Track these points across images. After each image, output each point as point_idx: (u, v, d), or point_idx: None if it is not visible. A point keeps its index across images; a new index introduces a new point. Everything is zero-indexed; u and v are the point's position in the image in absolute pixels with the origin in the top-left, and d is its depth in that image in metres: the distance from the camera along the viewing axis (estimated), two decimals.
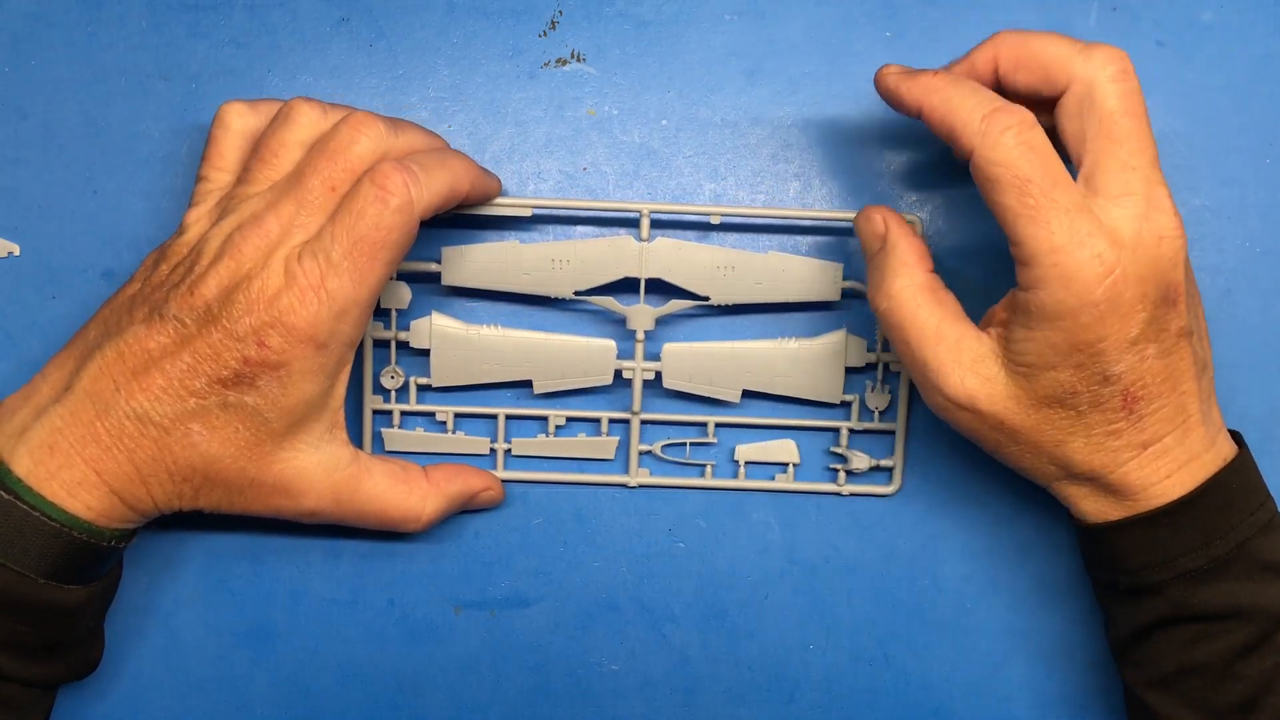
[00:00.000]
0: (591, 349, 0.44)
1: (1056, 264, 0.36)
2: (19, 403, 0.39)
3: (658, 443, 0.46)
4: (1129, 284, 0.36)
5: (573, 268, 0.43)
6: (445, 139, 0.45)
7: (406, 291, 0.44)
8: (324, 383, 0.39)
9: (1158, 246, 0.36)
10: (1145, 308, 0.36)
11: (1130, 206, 0.36)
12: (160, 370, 0.37)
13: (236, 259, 0.38)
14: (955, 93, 0.38)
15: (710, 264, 0.43)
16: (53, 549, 0.37)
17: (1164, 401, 0.38)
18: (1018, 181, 0.36)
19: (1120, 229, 0.36)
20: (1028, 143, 0.36)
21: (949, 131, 0.38)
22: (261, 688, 0.47)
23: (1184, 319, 0.37)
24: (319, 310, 0.37)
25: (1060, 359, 0.37)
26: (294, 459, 0.40)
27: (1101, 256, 0.36)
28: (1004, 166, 0.36)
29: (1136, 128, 0.37)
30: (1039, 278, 0.36)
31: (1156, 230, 0.36)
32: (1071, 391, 0.38)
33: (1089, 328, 0.36)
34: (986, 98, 0.37)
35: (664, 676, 0.48)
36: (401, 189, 0.37)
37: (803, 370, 0.45)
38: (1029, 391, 0.38)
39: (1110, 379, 0.37)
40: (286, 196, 0.38)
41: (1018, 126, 0.36)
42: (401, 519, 0.43)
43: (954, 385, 0.39)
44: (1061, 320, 0.36)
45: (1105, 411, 0.38)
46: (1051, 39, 0.39)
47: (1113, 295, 0.36)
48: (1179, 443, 0.38)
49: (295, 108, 0.40)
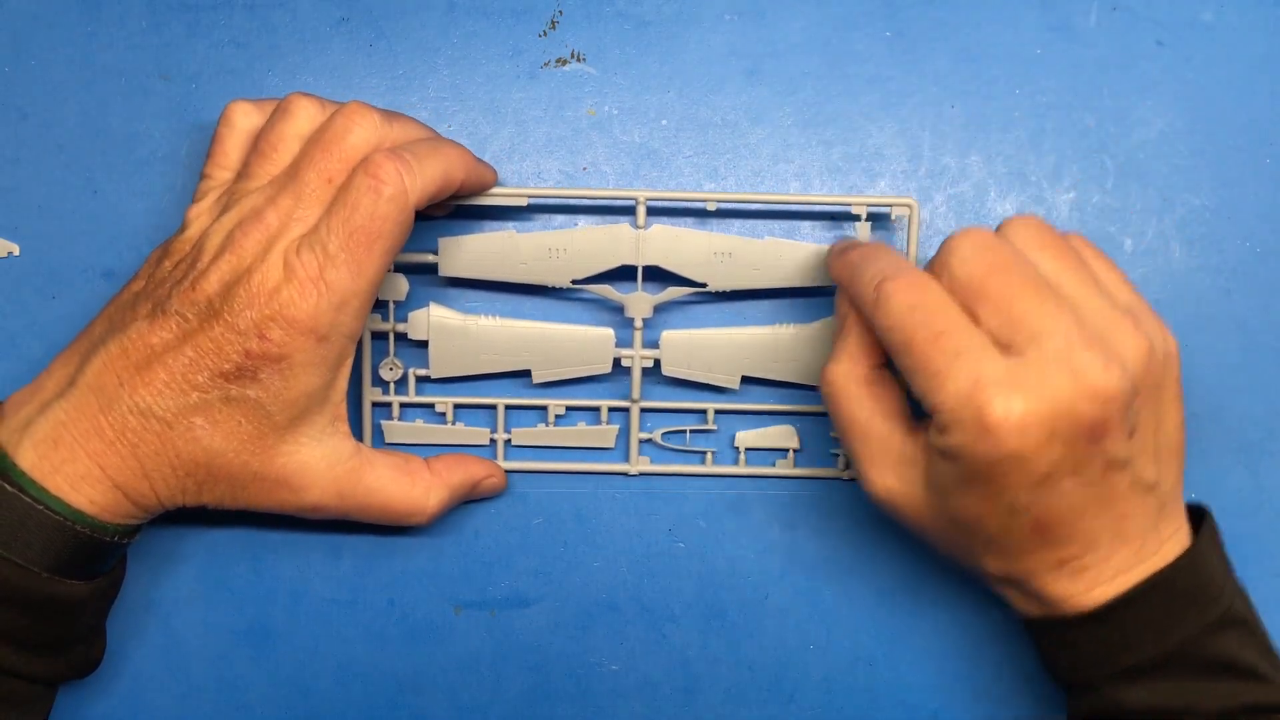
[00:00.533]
0: (590, 338, 0.45)
1: (951, 411, 0.35)
2: (25, 397, 0.39)
3: (658, 430, 0.46)
4: (1030, 428, 0.34)
5: (570, 257, 0.43)
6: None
7: (404, 283, 0.44)
8: (326, 375, 0.39)
9: (1070, 385, 0.35)
10: (1056, 446, 0.35)
11: (1033, 351, 0.35)
12: (163, 365, 0.38)
13: (237, 254, 0.38)
14: (862, 265, 0.38)
15: (707, 250, 0.44)
16: (56, 543, 0.37)
17: (1083, 526, 0.37)
18: (904, 342, 0.36)
19: (1022, 375, 0.35)
20: (910, 303, 0.36)
21: (856, 304, 0.39)
22: (261, 688, 0.47)
23: (1113, 452, 0.36)
24: (319, 302, 0.37)
25: (967, 488, 0.37)
26: (297, 452, 0.40)
27: (993, 402, 0.34)
28: (891, 330, 0.37)
29: (1004, 281, 0.36)
30: (941, 424, 0.36)
31: (1068, 368, 0.35)
32: (978, 516, 0.37)
33: (992, 467, 0.35)
34: (883, 267, 0.38)
35: (664, 676, 0.48)
36: (395, 178, 0.38)
37: (802, 355, 0.45)
38: (941, 507, 0.38)
39: (1018, 510, 0.36)
40: (284, 190, 0.39)
41: (904, 290, 0.36)
42: (406, 512, 0.43)
43: (874, 483, 0.39)
44: (962, 460, 0.36)
45: (1015, 535, 0.37)
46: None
47: (1010, 441, 0.34)
48: (1102, 561, 0.37)
49: (294, 102, 0.40)
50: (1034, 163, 0.45)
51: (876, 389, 0.40)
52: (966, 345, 0.35)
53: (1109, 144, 0.45)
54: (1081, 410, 0.35)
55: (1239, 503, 0.47)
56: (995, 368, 0.35)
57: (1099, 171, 0.46)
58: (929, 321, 0.36)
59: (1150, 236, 0.46)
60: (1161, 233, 0.46)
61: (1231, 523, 0.47)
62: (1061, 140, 0.45)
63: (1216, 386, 0.46)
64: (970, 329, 0.36)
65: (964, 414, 0.35)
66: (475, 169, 0.42)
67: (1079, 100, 0.45)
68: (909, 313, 0.36)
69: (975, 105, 0.45)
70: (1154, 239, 0.46)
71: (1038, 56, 0.45)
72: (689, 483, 0.47)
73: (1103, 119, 0.45)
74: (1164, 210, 0.46)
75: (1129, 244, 0.46)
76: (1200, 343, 0.46)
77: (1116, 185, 0.46)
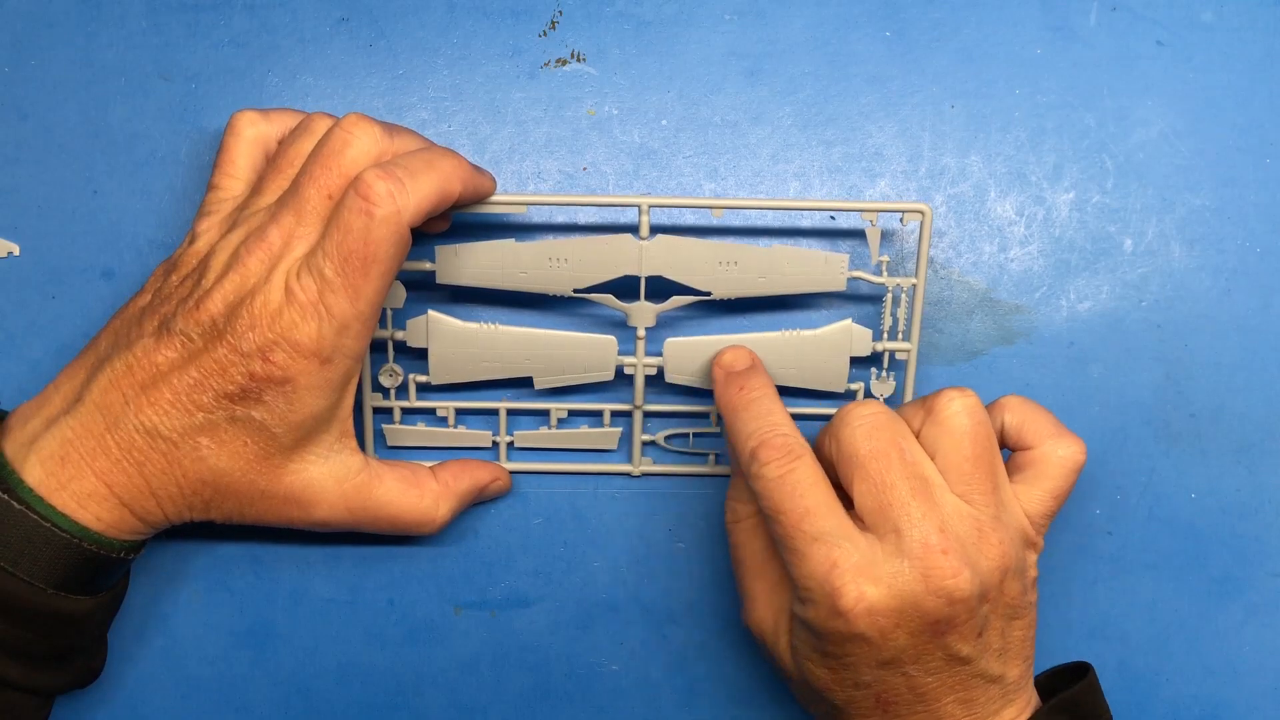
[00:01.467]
0: (592, 345, 0.44)
1: (808, 589, 0.37)
2: (30, 411, 0.39)
3: (660, 433, 0.46)
4: (878, 615, 0.37)
5: (571, 266, 0.43)
6: (445, 139, 0.45)
7: (401, 290, 0.44)
8: (330, 396, 0.39)
9: (920, 582, 0.37)
10: (901, 637, 0.37)
11: (891, 542, 0.37)
12: (168, 384, 0.37)
13: (241, 273, 0.38)
14: (739, 417, 0.40)
15: (712, 259, 0.43)
16: (62, 560, 0.37)
17: (925, 708, 0.39)
18: (771, 511, 0.38)
19: (878, 564, 0.37)
20: (783, 477, 0.38)
21: (733, 456, 0.41)
22: (261, 688, 0.47)
23: (960, 647, 0.38)
24: (320, 326, 0.37)
25: (818, 657, 0.39)
26: (304, 470, 0.40)
27: (845, 588, 0.37)
28: (761, 497, 0.39)
29: (882, 468, 0.38)
30: (800, 596, 0.38)
31: (922, 567, 0.37)
32: (827, 685, 0.39)
33: (838, 645, 0.38)
34: (760, 426, 0.39)
35: (664, 676, 0.48)
36: (386, 199, 0.37)
37: (807, 361, 0.45)
38: (797, 667, 0.40)
39: (861, 685, 0.38)
40: (286, 208, 0.38)
41: (777, 461, 0.38)
42: (416, 523, 0.43)
43: (754, 620, 0.42)
44: (814, 630, 0.38)
45: (859, 706, 0.39)
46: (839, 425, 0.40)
47: (858, 624, 0.37)
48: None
49: (315, 120, 0.40)
50: (1034, 163, 0.45)
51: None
52: (828, 529, 0.37)
53: (1109, 144, 0.45)
54: (928, 606, 0.37)
55: (1239, 503, 0.47)
56: (852, 554, 0.37)
57: (1099, 171, 0.46)
58: (794, 498, 0.38)
59: (1150, 236, 0.46)
60: (1161, 233, 0.46)
61: (1231, 523, 0.47)
62: (1061, 140, 0.45)
63: (1216, 386, 0.46)
64: (834, 511, 0.38)
65: (818, 593, 0.37)
66: (473, 180, 0.41)
67: (1079, 100, 0.45)
68: (777, 484, 0.38)
69: (975, 105, 0.45)
70: (1154, 239, 0.46)
71: (1038, 56, 0.45)
72: (689, 483, 0.47)
73: (1103, 119, 0.45)
74: (1164, 210, 0.46)
75: (1129, 244, 0.46)
76: (1200, 343, 0.46)
77: (1116, 185, 0.46)
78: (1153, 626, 0.48)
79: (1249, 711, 0.48)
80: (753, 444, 0.39)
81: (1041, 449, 0.41)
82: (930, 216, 0.43)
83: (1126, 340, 0.46)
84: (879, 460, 0.38)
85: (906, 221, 0.43)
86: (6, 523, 0.36)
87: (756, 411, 0.40)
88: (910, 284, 0.44)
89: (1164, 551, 0.47)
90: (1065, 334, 0.46)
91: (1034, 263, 0.46)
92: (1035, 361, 0.46)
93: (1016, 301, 0.46)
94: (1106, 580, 0.47)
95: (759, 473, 0.38)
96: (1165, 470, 0.47)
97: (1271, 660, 0.48)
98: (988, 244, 0.46)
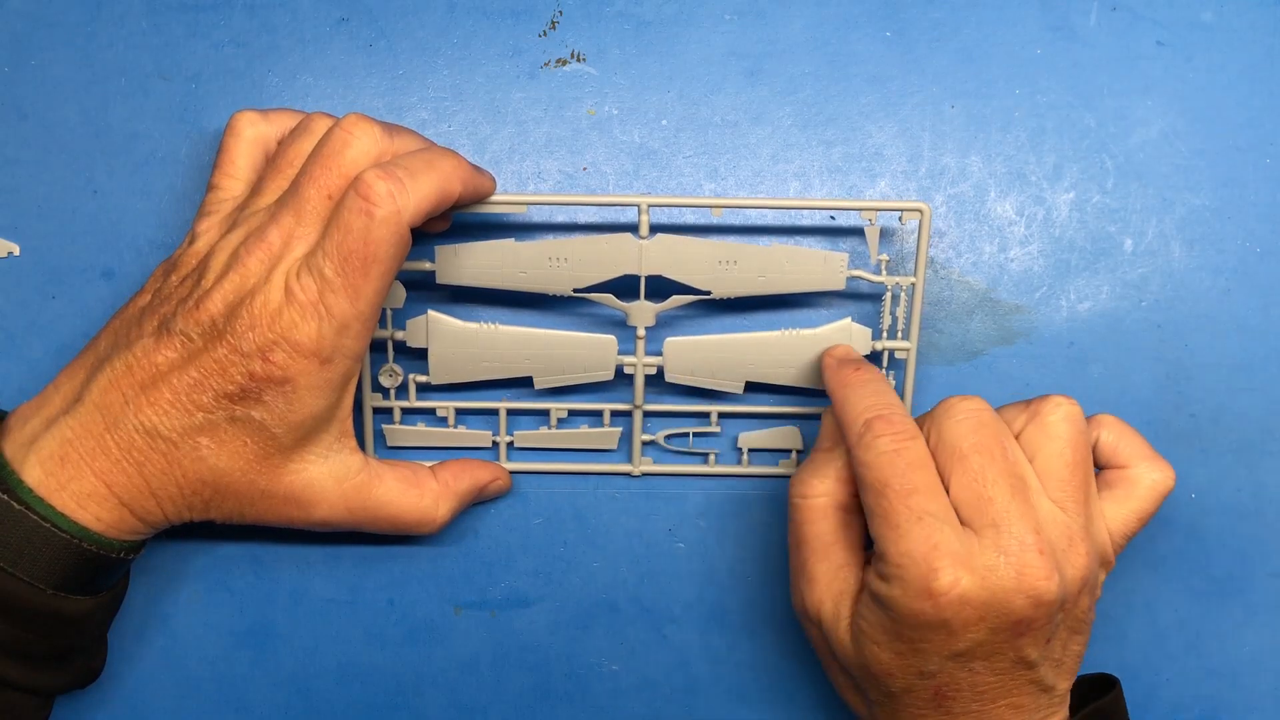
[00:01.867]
0: (592, 344, 0.44)
1: (901, 566, 0.37)
2: (30, 412, 0.39)
3: (660, 433, 0.46)
4: (967, 605, 0.37)
5: (571, 265, 0.43)
6: (445, 139, 0.45)
7: (401, 290, 0.44)
8: (330, 396, 0.39)
9: (1013, 580, 0.37)
10: (981, 631, 0.37)
11: (989, 537, 0.37)
12: (168, 385, 0.37)
13: (241, 274, 0.38)
14: (854, 392, 0.40)
15: (711, 258, 0.43)
16: (62, 560, 0.37)
17: (980, 707, 0.39)
18: (877, 484, 0.38)
19: (974, 555, 0.37)
20: (898, 451, 0.38)
21: (841, 427, 0.40)
22: (261, 688, 0.47)
23: (1030, 651, 0.38)
24: (320, 326, 0.37)
25: (887, 640, 0.38)
26: (304, 470, 0.40)
27: (941, 571, 0.36)
28: (868, 468, 0.38)
29: (985, 463, 0.38)
30: (886, 573, 0.38)
31: (1017, 565, 0.37)
32: (889, 670, 0.39)
33: (916, 629, 0.37)
34: (877, 402, 0.39)
35: (664, 676, 0.48)
36: (386, 199, 0.37)
37: (806, 360, 0.45)
38: (856, 650, 0.39)
39: (926, 674, 0.38)
40: (285, 208, 0.38)
41: (893, 434, 0.38)
42: (416, 522, 0.43)
43: (812, 600, 0.41)
44: (894, 611, 0.38)
45: (915, 697, 0.39)
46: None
47: (946, 610, 0.37)
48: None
49: (315, 120, 0.40)
50: (1034, 163, 0.45)
51: (850, 517, 0.41)
52: (933, 510, 0.37)
53: (1109, 144, 0.45)
54: (1015, 605, 0.37)
55: (1239, 503, 0.47)
56: (953, 540, 0.37)
57: (1099, 171, 0.46)
58: (906, 474, 0.38)
59: (1150, 236, 0.46)
60: (1161, 233, 0.46)
61: (1231, 523, 0.47)
62: (1061, 140, 0.45)
63: (1216, 386, 0.46)
64: (940, 495, 0.38)
65: (912, 572, 0.37)
66: (472, 179, 0.41)
67: (1079, 100, 0.45)
68: (890, 458, 0.38)
69: (975, 105, 0.45)
70: (1154, 239, 0.46)
71: (1038, 56, 0.45)
72: (689, 483, 0.47)
73: (1103, 119, 0.45)
74: (1164, 210, 0.46)
75: (1129, 244, 0.46)
76: (1200, 343, 0.46)
77: (1116, 185, 0.46)
78: (1153, 626, 0.48)
79: (1249, 711, 0.48)
80: (870, 415, 0.39)
81: (1134, 470, 0.41)
82: (929, 215, 0.43)
83: (1126, 340, 0.46)
84: (981, 455, 0.38)
85: (905, 220, 0.43)
86: (6, 523, 0.36)
87: (873, 389, 0.40)
88: (909, 283, 0.44)
89: (1164, 551, 0.47)
90: (1065, 334, 0.46)
91: (1034, 263, 0.46)
92: (1035, 361, 0.46)
93: (1016, 301, 0.46)
94: (1107, 580, 0.47)
95: (872, 443, 0.38)
96: None
97: (1271, 660, 0.48)
98: (988, 244, 0.46)
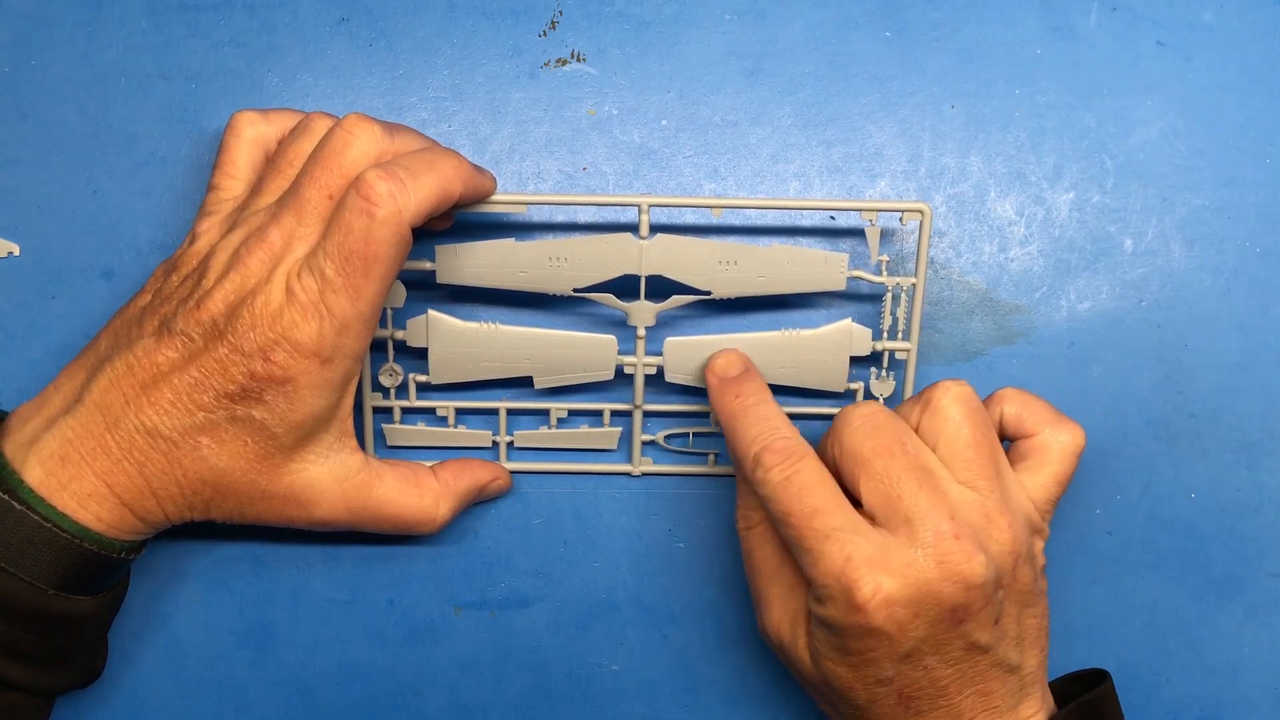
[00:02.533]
0: (592, 344, 0.44)
1: (826, 586, 0.37)
2: (30, 412, 0.39)
3: (660, 433, 0.46)
4: (896, 605, 0.37)
5: (571, 265, 0.43)
6: (445, 139, 0.45)
7: (401, 290, 0.44)
8: (331, 396, 0.39)
9: (935, 570, 0.37)
10: (920, 626, 0.37)
11: (904, 533, 0.37)
12: (168, 384, 0.37)
13: (242, 274, 0.38)
14: (739, 424, 0.40)
15: (712, 258, 0.43)
16: (63, 560, 0.37)
17: (946, 702, 0.39)
18: (781, 515, 0.38)
19: (892, 555, 0.37)
20: (789, 479, 0.38)
21: (736, 464, 0.41)
22: (261, 688, 0.47)
23: (975, 636, 0.38)
24: (321, 326, 0.37)
25: (839, 656, 0.38)
26: (304, 470, 0.40)
27: (861, 582, 0.36)
28: (769, 501, 0.39)
29: (886, 463, 0.38)
30: (818, 595, 0.38)
31: (936, 554, 0.37)
32: (849, 685, 0.39)
33: (858, 640, 0.37)
34: (760, 431, 0.40)
35: (664, 676, 0.48)
36: (387, 199, 0.37)
37: (806, 360, 0.45)
38: (817, 669, 0.40)
39: (884, 681, 0.38)
40: (286, 208, 0.38)
41: (781, 465, 0.38)
42: (416, 522, 0.43)
43: (770, 625, 0.41)
44: (834, 629, 0.38)
45: (882, 704, 0.39)
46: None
47: (875, 617, 0.37)
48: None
49: (315, 120, 0.40)
50: (1034, 163, 0.45)
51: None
52: (839, 524, 0.37)
53: (1109, 144, 0.45)
54: (945, 593, 0.37)
55: (1239, 503, 0.47)
56: (865, 547, 0.37)
57: (1099, 171, 0.46)
58: (801, 498, 0.38)
59: (1150, 236, 0.46)
60: (1161, 233, 0.46)
61: (1231, 523, 0.47)
62: (1061, 140, 0.45)
63: (1216, 386, 0.46)
64: (842, 507, 0.38)
65: (835, 590, 0.37)
66: (473, 179, 0.41)
67: (1079, 100, 0.45)
68: (784, 487, 0.38)
69: (975, 105, 0.45)
70: (1154, 239, 0.46)
71: (1038, 56, 0.45)
72: (689, 483, 0.47)
73: (1103, 119, 0.45)
74: (1164, 210, 0.46)
75: (1129, 244, 0.46)
76: (1200, 343, 0.46)
77: (1116, 185, 0.46)
78: (1153, 626, 0.48)
79: (1249, 711, 0.48)
80: (755, 449, 0.39)
81: (1041, 436, 0.41)
82: (930, 216, 0.43)
83: (1126, 340, 0.46)
84: (882, 456, 0.38)
85: (906, 221, 0.43)
86: (7, 523, 0.36)
87: (754, 417, 0.40)
88: (910, 283, 0.44)
89: (1164, 551, 0.47)
90: (1065, 334, 0.46)
91: (1034, 263, 0.46)
92: (1035, 361, 0.46)
93: (1016, 301, 0.46)
94: (1106, 580, 0.47)
95: (764, 478, 0.39)
96: (1165, 470, 0.47)
97: (1271, 660, 0.48)
98: (988, 244, 0.46)
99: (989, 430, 0.40)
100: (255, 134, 0.41)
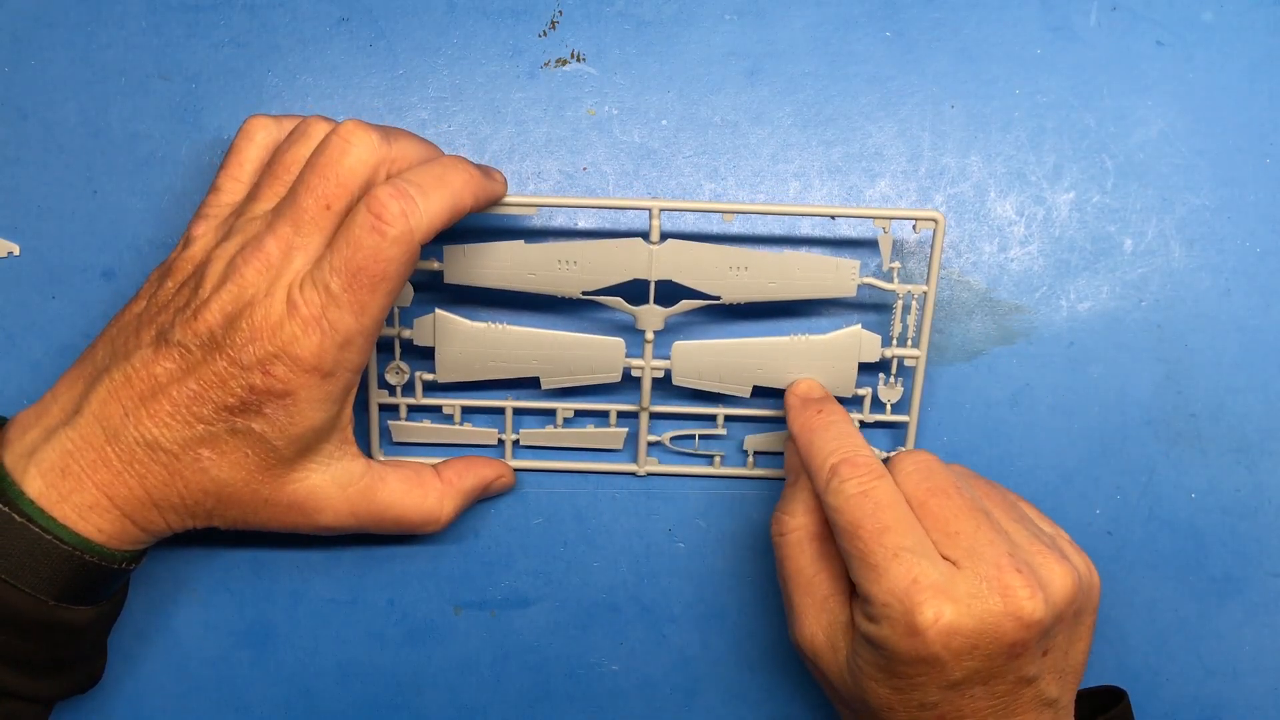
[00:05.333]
0: (600, 346, 0.44)
1: (886, 605, 0.37)
2: (30, 421, 0.39)
3: (666, 434, 0.46)
4: (955, 635, 0.36)
5: (580, 268, 0.43)
6: (445, 139, 0.45)
7: (409, 290, 0.44)
8: (331, 409, 0.39)
9: (1000, 606, 0.37)
10: (975, 658, 0.37)
11: (968, 565, 0.37)
12: (168, 397, 0.37)
13: (239, 284, 0.37)
14: (818, 436, 0.41)
15: (722, 264, 0.43)
16: (64, 571, 0.37)
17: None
18: (849, 527, 0.38)
19: (956, 585, 0.37)
20: (865, 493, 0.38)
21: (808, 472, 0.41)
22: (261, 688, 0.47)
23: (1025, 670, 0.38)
24: (322, 341, 0.37)
25: (883, 677, 0.38)
26: (306, 479, 0.40)
27: (924, 605, 0.36)
28: (838, 513, 0.38)
29: (943, 503, 0.39)
30: (872, 614, 0.38)
31: (999, 587, 0.37)
32: (889, 705, 0.39)
33: (909, 664, 0.37)
34: (841, 445, 0.40)
35: (664, 676, 0.48)
36: (399, 218, 0.36)
37: (814, 365, 0.45)
38: (855, 685, 0.39)
39: (926, 706, 0.38)
40: (283, 217, 0.37)
41: (859, 478, 0.39)
42: (421, 522, 0.43)
43: (804, 635, 0.41)
44: (885, 650, 0.37)
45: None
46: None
47: (934, 644, 0.36)
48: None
49: (312, 124, 0.39)
50: (1034, 163, 0.45)
51: (827, 546, 0.41)
52: (909, 545, 0.37)
53: (1109, 144, 0.45)
54: (1005, 629, 0.37)
55: (1239, 503, 0.47)
56: (933, 572, 0.37)
57: (1099, 171, 0.46)
58: (876, 514, 0.38)
59: (1150, 236, 0.46)
60: (1161, 233, 0.46)
61: (1231, 523, 0.47)
62: (1061, 140, 0.45)
63: (1216, 386, 0.46)
64: (914, 528, 0.38)
65: (895, 611, 0.37)
66: (484, 189, 0.40)
67: (1079, 100, 0.45)
68: (858, 500, 0.38)
69: (975, 105, 0.45)
70: (1154, 239, 0.46)
71: (1038, 56, 0.45)
72: (689, 483, 0.47)
73: (1103, 119, 0.45)
74: (1164, 210, 0.46)
75: (1129, 244, 0.46)
76: (1200, 343, 0.46)
77: (1116, 185, 0.46)
78: (1153, 626, 0.48)
79: (1249, 711, 0.48)
80: (834, 460, 0.39)
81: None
82: (943, 224, 0.43)
83: (1126, 340, 0.46)
84: (939, 496, 0.39)
85: (919, 229, 0.43)
86: (8, 535, 0.36)
87: (836, 433, 0.41)
88: (921, 291, 0.44)
89: (1164, 551, 0.47)
90: (1065, 334, 0.46)
91: (1034, 263, 0.46)
92: (1035, 361, 0.46)
93: (1016, 301, 0.46)
94: (1106, 580, 0.47)
95: (839, 488, 0.39)
96: (1165, 470, 0.47)
97: (1271, 660, 0.48)
98: (988, 244, 0.46)
99: (982, 484, 0.42)
100: (266, 139, 0.41)
